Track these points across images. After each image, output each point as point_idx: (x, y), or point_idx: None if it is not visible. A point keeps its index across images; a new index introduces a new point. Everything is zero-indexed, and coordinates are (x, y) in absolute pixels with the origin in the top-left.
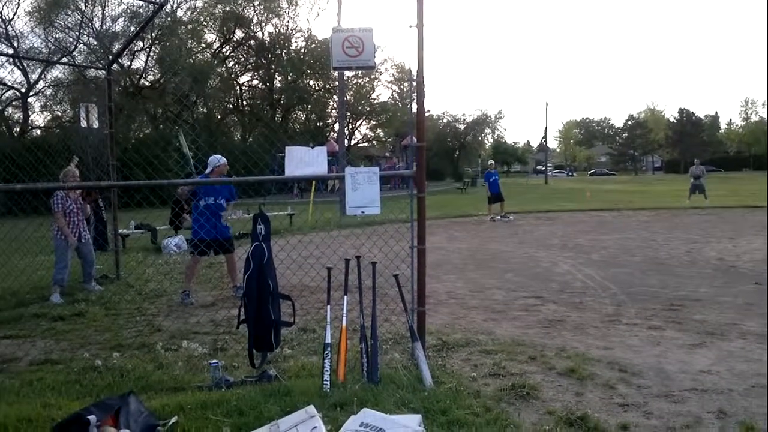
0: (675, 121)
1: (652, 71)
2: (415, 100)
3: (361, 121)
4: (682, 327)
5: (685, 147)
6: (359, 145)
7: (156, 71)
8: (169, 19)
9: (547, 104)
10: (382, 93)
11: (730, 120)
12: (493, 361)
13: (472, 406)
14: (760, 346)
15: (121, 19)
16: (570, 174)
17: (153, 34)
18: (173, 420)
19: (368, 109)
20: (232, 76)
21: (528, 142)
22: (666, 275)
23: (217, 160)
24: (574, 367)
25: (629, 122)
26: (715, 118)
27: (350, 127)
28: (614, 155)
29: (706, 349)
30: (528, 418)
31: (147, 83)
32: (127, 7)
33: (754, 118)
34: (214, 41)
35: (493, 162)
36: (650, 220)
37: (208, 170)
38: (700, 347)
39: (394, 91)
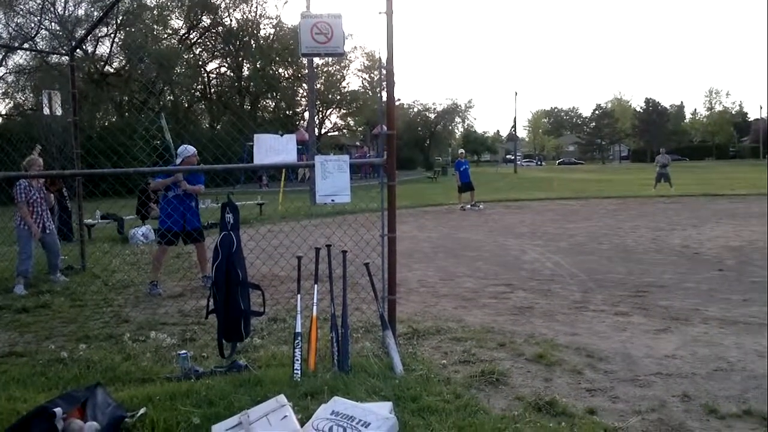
0: (641, 110)
1: (619, 61)
2: (385, 89)
3: (331, 109)
4: (648, 313)
5: (651, 136)
6: (329, 133)
7: (121, 58)
8: (134, 4)
9: (516, 93)
10: (353, 81)
11: (695, 110)
12: (463, 348)
13: (443, 393)
14: (721, 331)
15: (84, 4)
16: (539, 163)
17: (118, 20)
18: (141, 411)
19: (338, 97)
20: (200, 63)
21: (498, 131)
22: (632, 262)
23: (186, 150)
24: (542, 353)
25: (597, 112)
26: (680, 108)
27: (320, 115)
28: (582, 144)
29: (671, 334)
30: (497, 403)
31: (112, 70)
32: None
33: (717, 108)
34: (181, 27)
35: (463, 151)
36: (617, 208)
37: (177, 161)
38: (665, 332)
39: (365, 79)
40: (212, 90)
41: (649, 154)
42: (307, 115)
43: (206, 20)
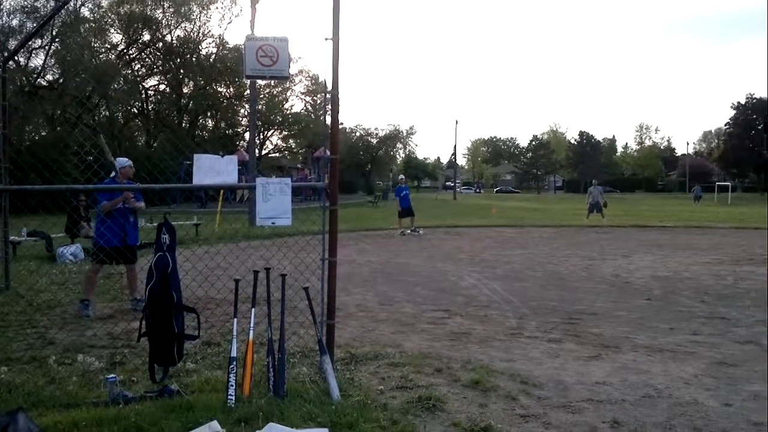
0: (576, 142)
1: (556, 94)
2: (329, 113)
3: (272, 131)
4: (580, 340)
5: (584, 168)
6: (270, 155)
7: (55, 71)
8: (71, 16)
9: (456, 122)
10: (296, 104)
11: (626, 144)
12: (400, 374)
13: (379, 419)
14: (649, 359)
15: (18, 14)
16: (477, 190)
17: (53, 32)
18: None
19: (280, 119)
20: (138, 79)
21: (438, 158)
22: (565, 290)
23: (124, 162)
24: (478, 378)
25: (533, 142)
26: (612, 141)
27: (261, 136)
28: (519, 173)
29: (602, 361)
30: (434, 430)
31: (45, 83)
32: (25, 1)
33: (647, 142)
34: (120, 42)
35: (403, 177)
36: (551, 236)
37: (113, 174)
38: (596, 359)
39: (308, 102)
40: (150, 107)
41: (582, 185)
42: (248, 135)
43: (146, 36)
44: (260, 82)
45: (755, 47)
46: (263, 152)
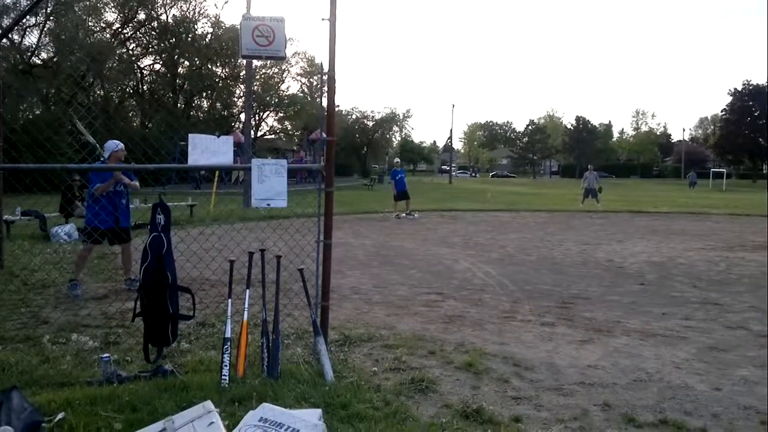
0: (572, 128)
1: (553, 79)
2: (325, 94)
3: (268, 112)
4: (573, 324)
5: (580, 153)
6: (266, 137)
7: (50, 49)
8: None
9: (453, 106)
10: (292, 85)
11: (623, 129)
12: (394, 356)
13: (372, 400)
14: (641, 343)
15: None
16: (473, 175)
17: (48, 9)
18: (60, 416)
19: (276, 100)
20: (133, 58)
21: (434, 141)
22: (559, 274)
23: (115, 145)
24: (471, 361)
25: (530, 127)
26: (608, 127)
27: (257, 118)
28: (515, 158)
29: (594, 345)
30: (426, 411)
31: (39, 61)
32: None
33: (643, 128)
34: (115, 21)
35: (399, 160)
36: (546, 221)
37: (105, 155)
38: (589, 343)
39: (304, 84)
40: (145, 87)
41: (578, 170)
42: (243, 116)
43: (142, 15)
44: (256, 62)
45: (754, 32)
46: (259, 134)
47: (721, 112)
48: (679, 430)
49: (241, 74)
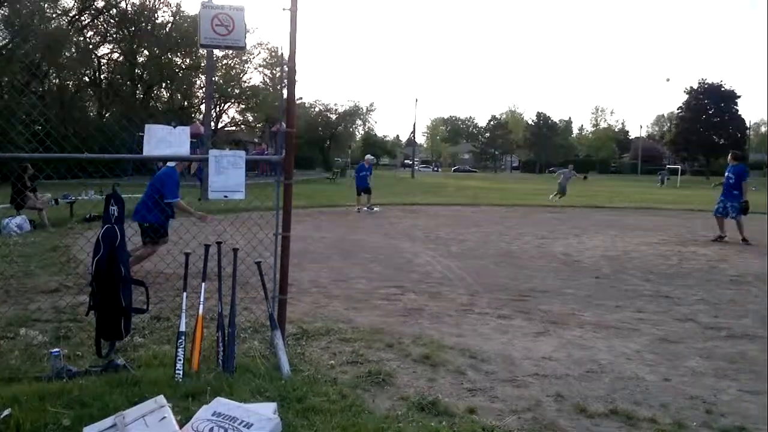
0: (533, 123)
1: (514, 75)
2: (286, 86)
3: (229, 103)
4: (529, 316)
5: (540, 148)
6: (227, 128)
7: (2, 36)
8: None
9: (416, 100)
10: (253, 77)
11: (582, 126)
12: (351, 349)
13: (329, 394)
14: (595, 335)
15: None
16: (435, 169)
17: None
18: (6, 413)
19: (237, 92)
20: (90, 47)
21: (398, 135)
22: (517, 268)
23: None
24: (428, 353)
25: (492, 122)
26: (568, 123)
27: (218, 109)
28: (477, 153)
29: (549, 337)
30: (382, 404)
31: None
32: None
33: (602, 124)
34: (72, 8)
35: (371, 157)
36: (506, 216)
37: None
38: (544, 335)
39: (266, 75)
40: (103, 76)
41: (538, 166)
42: (203, 107)
43: (100, 2)
44: (217, 52)
45: (711, 31)
46: (220, 125)
47: (678, 110)
48: (629, 420)
49: (202, 64)
